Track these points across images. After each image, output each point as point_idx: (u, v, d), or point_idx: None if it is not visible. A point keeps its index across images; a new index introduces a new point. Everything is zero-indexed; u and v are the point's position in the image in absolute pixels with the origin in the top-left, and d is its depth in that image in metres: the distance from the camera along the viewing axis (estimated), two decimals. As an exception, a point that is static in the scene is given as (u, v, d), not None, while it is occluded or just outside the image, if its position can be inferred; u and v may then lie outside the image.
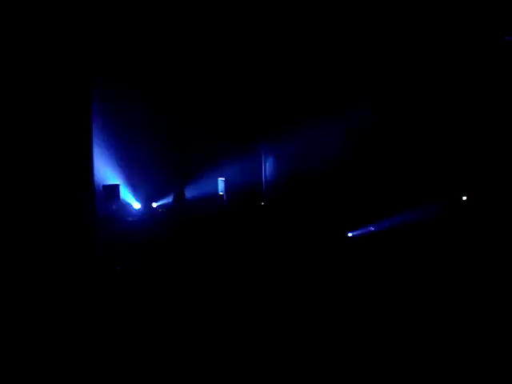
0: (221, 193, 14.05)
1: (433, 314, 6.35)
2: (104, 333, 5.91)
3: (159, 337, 5.85)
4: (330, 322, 6.23)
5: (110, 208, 11.91)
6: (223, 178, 14.21)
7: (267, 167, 14.30)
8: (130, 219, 12.49)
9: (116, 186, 12.07)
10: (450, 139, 10.69)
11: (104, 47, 9.13)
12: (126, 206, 12.90)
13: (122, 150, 12.65)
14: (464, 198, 10.59)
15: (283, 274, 8.46)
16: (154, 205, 13.05)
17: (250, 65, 12.11)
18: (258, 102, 13.49)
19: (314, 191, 12.56)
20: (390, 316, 6.37)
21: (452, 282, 7.63)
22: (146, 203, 13.03)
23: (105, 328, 6.06)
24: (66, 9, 7.53)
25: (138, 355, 5.38)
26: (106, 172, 12.12)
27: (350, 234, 12.17)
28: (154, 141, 12.98)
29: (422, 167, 10.96)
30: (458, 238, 9.66)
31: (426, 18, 9.38)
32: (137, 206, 13.15)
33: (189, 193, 13.54)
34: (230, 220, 12.58)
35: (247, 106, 13.57)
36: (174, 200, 13.03)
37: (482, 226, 9.84)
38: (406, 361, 5.08)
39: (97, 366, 5.13)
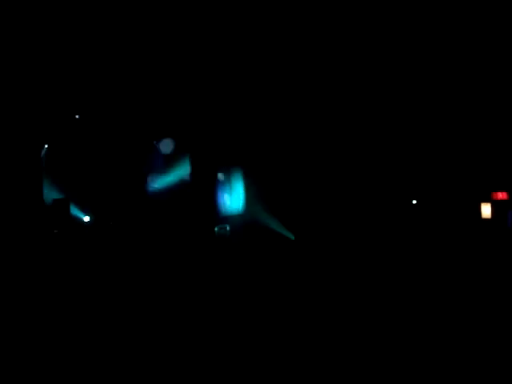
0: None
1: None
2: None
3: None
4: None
5: (60, 221, 11.69)
6: None
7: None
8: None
9: (65, 200, 11.91)
10: (400, 142, 10.93)
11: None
12: (75, 220, 12.62)
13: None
14: (414, 201, 10.90)
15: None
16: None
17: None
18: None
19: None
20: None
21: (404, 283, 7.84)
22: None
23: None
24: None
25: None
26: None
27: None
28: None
29: (374, 170, 11.15)
30: (408, 242, 9.92)
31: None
32: (86, 219, 12.88)
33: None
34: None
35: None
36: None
37: (431, 230, 10.14)
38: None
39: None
